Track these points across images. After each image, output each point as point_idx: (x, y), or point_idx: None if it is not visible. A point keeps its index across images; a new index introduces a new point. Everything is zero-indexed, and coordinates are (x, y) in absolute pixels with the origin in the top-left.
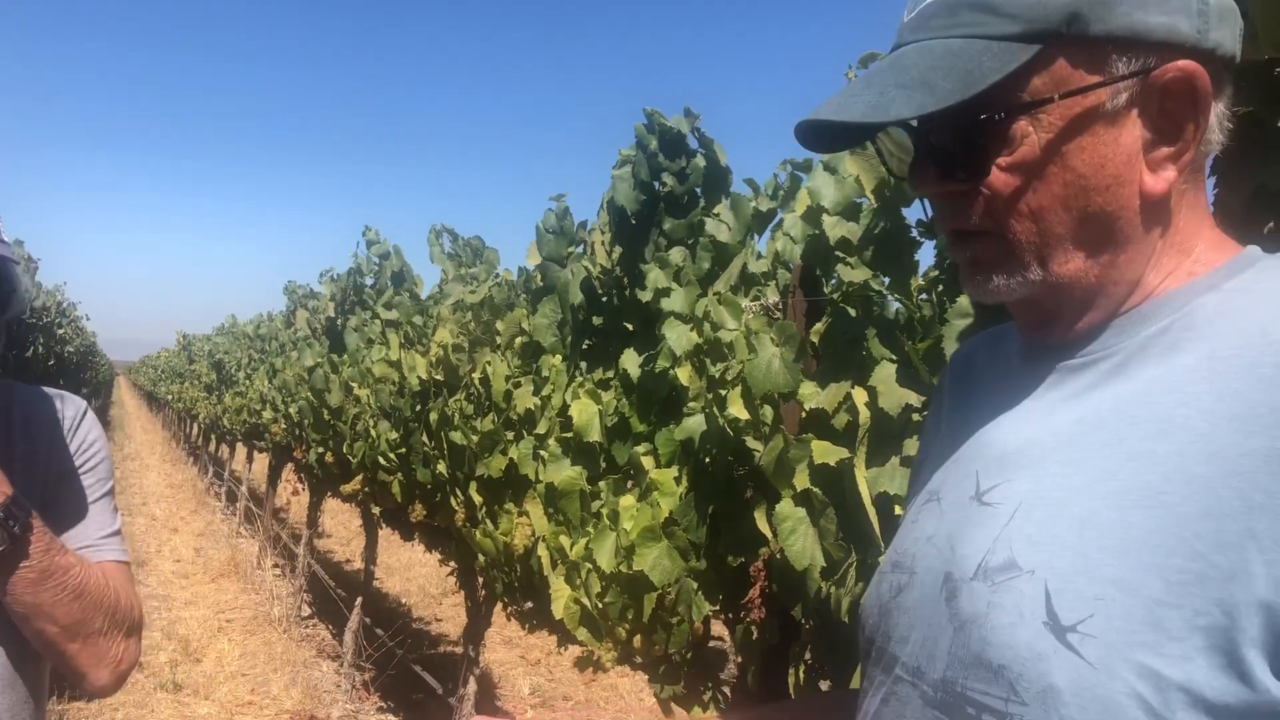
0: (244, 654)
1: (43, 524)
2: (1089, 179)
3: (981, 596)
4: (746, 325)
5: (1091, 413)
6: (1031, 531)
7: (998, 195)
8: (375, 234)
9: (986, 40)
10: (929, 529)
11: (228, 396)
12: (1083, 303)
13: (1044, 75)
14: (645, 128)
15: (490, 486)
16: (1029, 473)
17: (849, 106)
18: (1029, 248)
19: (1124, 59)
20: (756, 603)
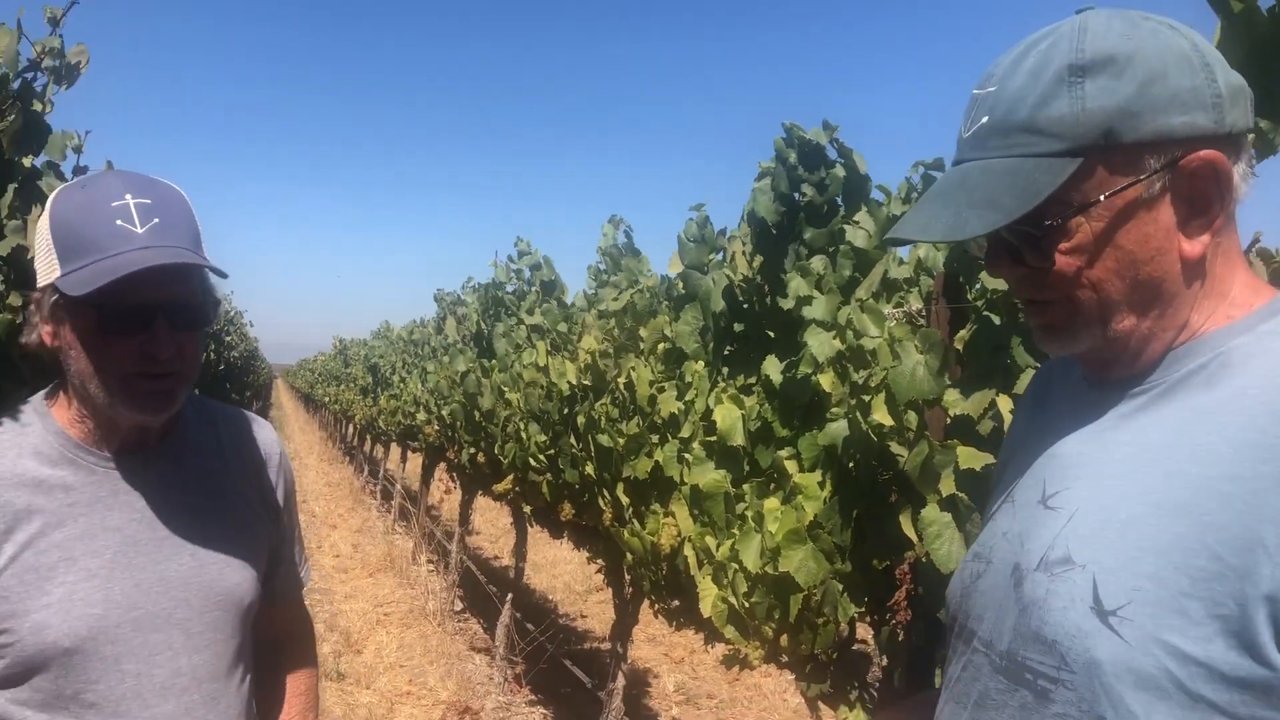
0: (401, 646)
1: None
2: (1136, 254)
3: (1042, 584)
4: (890, 332)
5: (1139, 435)
6: (1085, 532)
7: (1062, 273)
8: (527, 244)
9: (1037, 159)
10: (1004, 526)
11: (383, 399)
12: (1137, 350)
13: (1089, 180)
14: (784, 141)
15: (637, 487)
16: (1086, 483)
17: (931, 228)
18: (1092, 310)
19: (1154, 157)
20: (903, 605)
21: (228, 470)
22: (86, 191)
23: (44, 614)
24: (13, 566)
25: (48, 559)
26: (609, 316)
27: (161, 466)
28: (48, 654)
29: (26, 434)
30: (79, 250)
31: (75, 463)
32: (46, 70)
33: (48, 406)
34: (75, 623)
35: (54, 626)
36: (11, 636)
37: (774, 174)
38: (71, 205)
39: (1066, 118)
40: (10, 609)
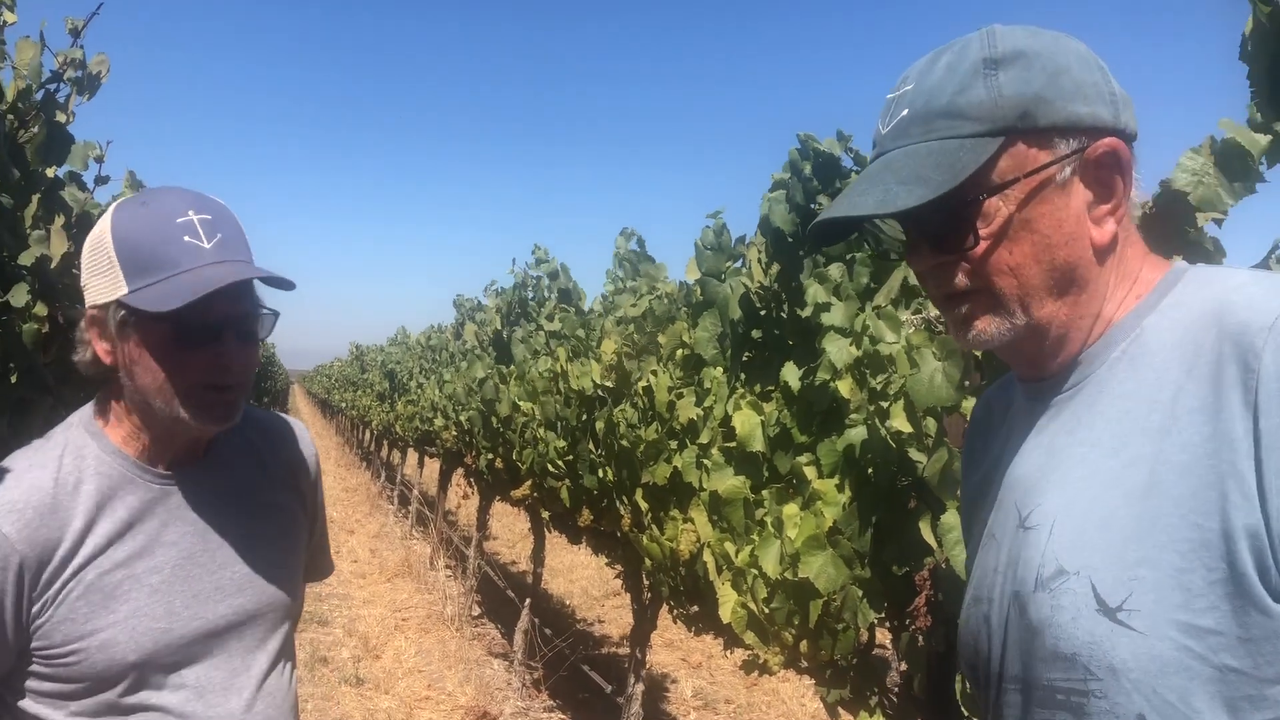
0: (420, 651)
1: None
2: (1051, 237)
3: (1045, 603)
4: (908, 339)
5: (1087, 433)
6: (1069, 539)
7: (981, 259)
8: (544, 252)
9: (960, 139)
10: (993, 562)
11: (400, 404)
12: (1058, 339)
13: (1007, 160)
14: (799, 152)
15: (655, 493)
16: (1054, 493)
17: (860, 203)
18: (1012, 297)
19: (1065, 141)
20: (922, 611)
21: (268, 476)
22: (149, 208)
23: (111, 632)
24: (78, 587)
25: (112, 579)
26: (628, 322)
27: (210, 478)
28: (116, 670)
29: (85, 455)
30: (149, 267)
31: (134, 481)
32: (68, 81)
33: (99, 425)
34: (141, 638)
35: (122, 644)
36: (80, 656)
37: (789, 185)
38: (136, 222)
39: (985, 102)
40: (78, 630)
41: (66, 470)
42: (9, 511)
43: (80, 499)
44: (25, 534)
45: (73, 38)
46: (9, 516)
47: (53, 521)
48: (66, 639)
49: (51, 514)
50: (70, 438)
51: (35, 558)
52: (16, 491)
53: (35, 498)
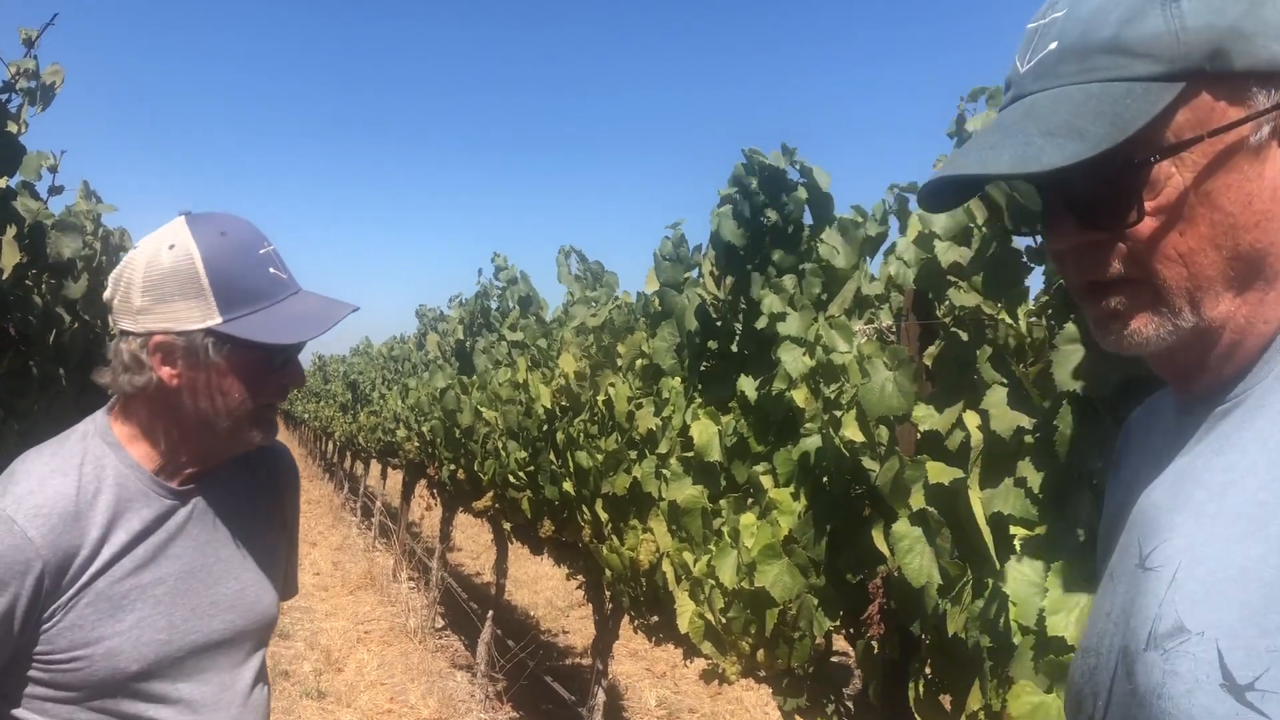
0: (382, 664)
1: None
2: (1237, 217)
3: (1156, 667)
4: (859, 349)
5: (1240, 458)
6: (1194, 590)
7: (1142, 241)
8: (503, 260)
9: (1127, 82)
10: (1107, 605)
11: (363, 415)
12: (1231, 345)
13: (1188, 114)
14: (744, 167)
15: (615, 504)
16: (1186, 529)
17: (992, 159)
18: (1180, 292)
19: (1265, 91)
20: (875, 619)
21: (259, 494)
22: (230, 239)
23: (116, 641)
24: (89, 595)
25: (121, 588)
26: (587, 333)
27: (213, 495)
28: (118, 679)
29: (105, 467)
30: (244, 298)
31: (148, 495)
32: (20, 91)
33: (118, 439)
34: (144, 649)
35: (125, 654)
36: (83, 663)
37: (735, 200)
38: (225, 253)
39: (1163, 35)
40: (84, 637)
41: (87, 479)
42: (35, 516)
43: (98, 509)
44: (49, 539)
45: (26, 48)
46: (35, 521)
47: (75, 529)
48: (72, 645)
49: (74, 521)
50: (89, 448)
51: (56, 564)
52: (41, 496)
53: (60, 504)
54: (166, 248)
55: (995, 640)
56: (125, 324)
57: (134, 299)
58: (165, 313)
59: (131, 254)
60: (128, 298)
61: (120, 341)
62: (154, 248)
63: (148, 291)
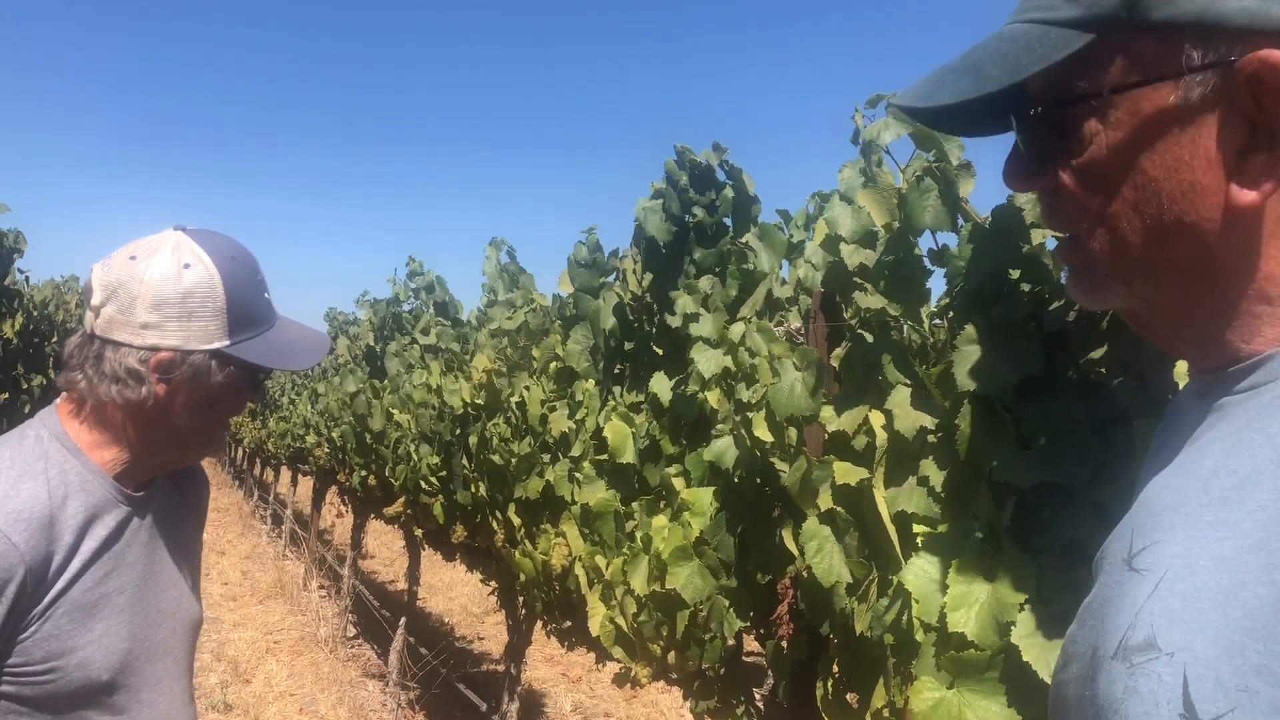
0: (292, 674)
1: None
2: (1161, 183)
3: (1119, 680)
4: (769, 350)
5: (1248, 462)
6: (1174, 605)
7: (1069, 198)
8: (419, 265)
9: (1046, 26)
10: (1091, 595)
11: (271, 421)
12: (1215, 330)
13: (1102, 67)
14: (676, 163)
15: (528, 508)
16: (1180, 534)
17: (909, 92)
18: (1103, 259)
19: (1198, 50)
20: (784, 619)
21: (185, 503)
22: (239, 264)
23: (88, 650)
24: (65, 604)
25: (90, 596)
26: (502, 335)
27: (156, 503)
28: (90, 688)
29: (69, 472)
30: (250, 322)
31: (112, 502)
32: None
33: (77, 445)
34: (111, 658)
35: (96, 662)
36: (58, 674)
37: (665, 195)
38: (239, 278)
39: None
40: (59, 647)
41: (54, 484)
42: (16, 520)
43: (69, 514)
44: (31, 544)
45: None
46: (17, 525)
47: (50, 534)
48: (48, 655)
49: (50, 527)
50: (48, 452)
51: (36, 569)
52: (18, 500)
53: (36, 508)
54: (182, 266)
55: (898, 638)
56: (122, 336)
57: (138, 313)
58: (177, 331)
59: (130, 266)
60: (129, 310)
61: (108, 350)
62: (165, 265)
63: (159, 308)
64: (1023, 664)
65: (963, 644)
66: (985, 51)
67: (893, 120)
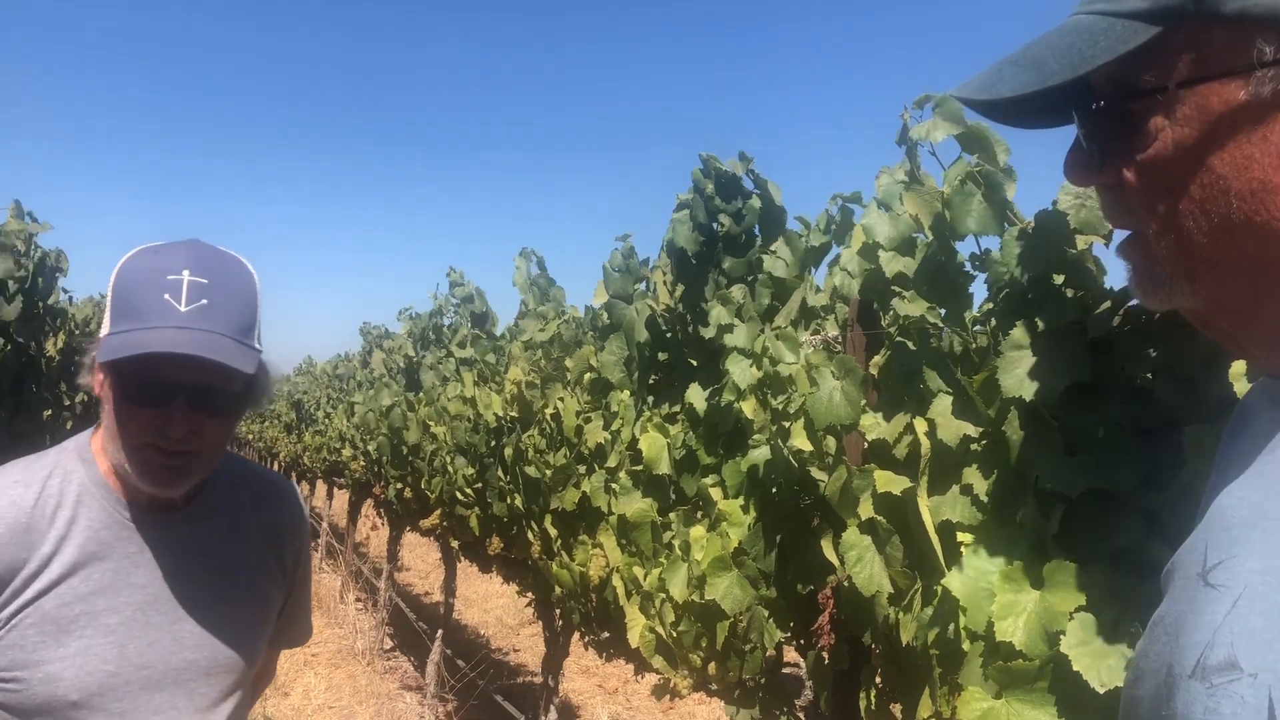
0: (330, 687)
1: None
2: (1230, 181)
3: (1198, 700)
4: (807, 359)
5: None
6: (1256, 624)
7: (1134, 195)
8: (459, 275)
9: (1111, 18)
10: (1162, 609)
11: (307, 435)
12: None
13: (1169, 61)
14: (701, 172)
15: (565, 519)
16: (1258, 549)
17: (968, 85)
18: (1167, 258)
19: (1271, 44)
20: (826, 629)
21: (250, 535)
22: (154, 257)
23: (57, 666)
24: (34, 615)
25: (69, 611)
26: (535, 347)
27: (189, 527)
28: (54, 705)
29: (71, 480)
30: (125, 314)
31: (111, 515)
32: None
33: (92, 453)
34: (86, 679)
35: (65, 680)
36: (20, 685)
37: (692, 205)
38: (134, 269)
39: None
40: (24, 658)
41: (50, 492)
42: None
43: (55, 524)
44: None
45: None
46: None
47: (24, 541)
48: (12, 665)
49: (25, 534)
50: (61, 460)
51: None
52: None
53: (11, 515)
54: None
55: (944, 647)
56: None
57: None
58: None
59: None
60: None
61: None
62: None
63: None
64: (1073, 674)
65: (1011, 653)
66: (1047, 45)
67: (941, 120)
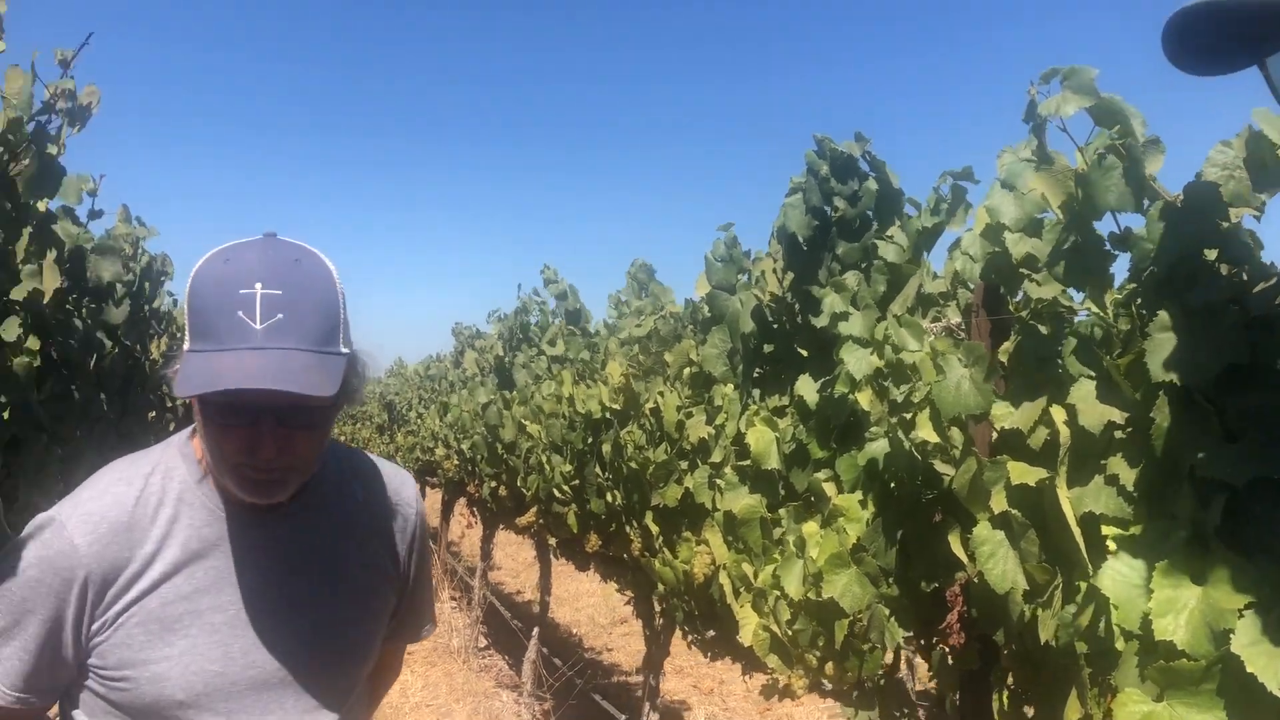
0: (426, 685)
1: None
2: None
3: None
4: (931, 346)
5: None
6: None
7: None
8: (553, 272)
9: None
10: None
11: (399, 435)
12: None
13: None
14: (816, 153)
15: (667, 515)
16: None
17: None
18: None
19: None
20: (955, 628)
21: (361, 528)
22: (226, 267)
23: (164, 666)
24: (139, 614)
25: (173, 610)
26: (632, 343)
27: (295, 522)
28: (163, 705)
29: (173, 478)
30: (201, 333)
31: (213, 513)
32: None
33: (193, 450)
34: (193, 678)
35: (172, 680)
36: (130, 684)
37: (806, 188)
38: (206, 281)
39: None
40: (132, 657)
41: (152, 490)
42: (84, 523)
43: (157, 522)
44: (95, 549)
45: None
46: (83, 528)
47: (125, 540)
48: (120, 664)
49: (126, 532)
50: (164, 458)
51: (101, 575)
52: (97, 504)
53: (114, 513)
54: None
55: (1093, 646)
56: None
57: None
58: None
59: None
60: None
61: None
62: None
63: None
64: (1245, 676)
65: (1171, 653)
66: None
67: (1071, 94)
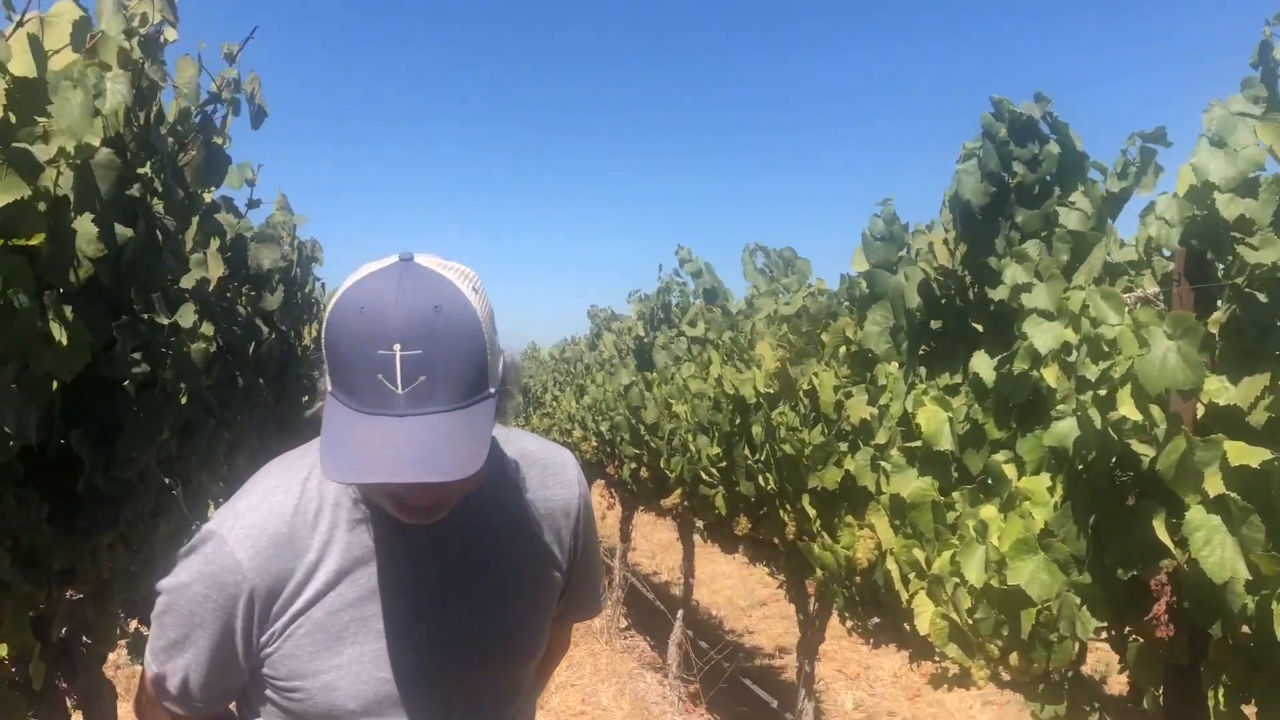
0: (571, 665)
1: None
2: None
3: None
4: (1133, 318)
5: None
6: None
7: None
8: (687, 252)
9: None
10: None
11: (535, 418)
12: None
13: None
14: (993, 116)
15: (825, 499)
16: None
17: None
18: None
19: None
20: (1163, 619)
21: (525, 516)
22: (362, 319)
23: (333, 675)
24: (306, 624)
25: (339, 619)
26: (779, 322)
27: (455, 519)
28: (337, 714)
29: (327, 488)
30: (340, 382)
31: (369, 517)
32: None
33: None
34: (363, 687)
35: (343, 689)
36: (303, 694)
37: (981, 153)
38: (342, 330)
39: None
40: (302, 668)
41: (309, 497)
42: (245, 537)
43: (317, 531)
44: (258, 563)
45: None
46: (245, 543)
47: (287, 552)
48: (291, 674)
49: (287, 544)
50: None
51: (265, 588)
52: (255, 516)
53: (273, 525)
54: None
55: None
56: None
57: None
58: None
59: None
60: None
61: None
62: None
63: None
64: None
65: None
66: None
67: None
